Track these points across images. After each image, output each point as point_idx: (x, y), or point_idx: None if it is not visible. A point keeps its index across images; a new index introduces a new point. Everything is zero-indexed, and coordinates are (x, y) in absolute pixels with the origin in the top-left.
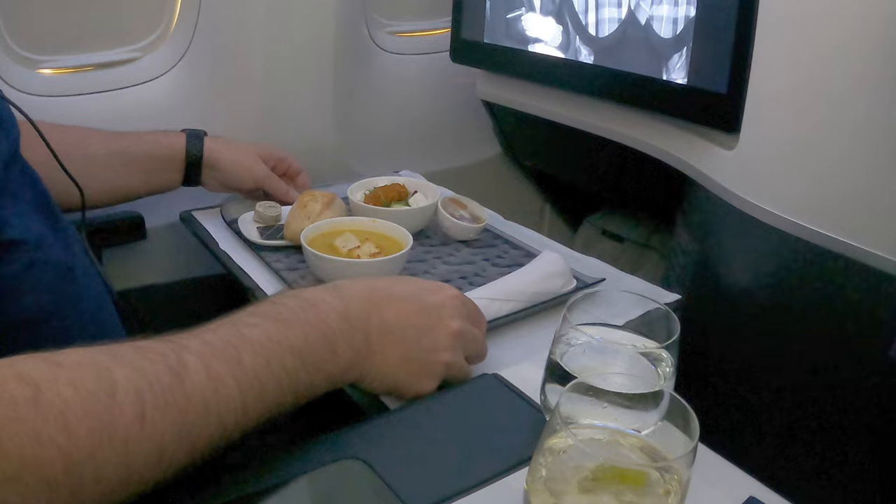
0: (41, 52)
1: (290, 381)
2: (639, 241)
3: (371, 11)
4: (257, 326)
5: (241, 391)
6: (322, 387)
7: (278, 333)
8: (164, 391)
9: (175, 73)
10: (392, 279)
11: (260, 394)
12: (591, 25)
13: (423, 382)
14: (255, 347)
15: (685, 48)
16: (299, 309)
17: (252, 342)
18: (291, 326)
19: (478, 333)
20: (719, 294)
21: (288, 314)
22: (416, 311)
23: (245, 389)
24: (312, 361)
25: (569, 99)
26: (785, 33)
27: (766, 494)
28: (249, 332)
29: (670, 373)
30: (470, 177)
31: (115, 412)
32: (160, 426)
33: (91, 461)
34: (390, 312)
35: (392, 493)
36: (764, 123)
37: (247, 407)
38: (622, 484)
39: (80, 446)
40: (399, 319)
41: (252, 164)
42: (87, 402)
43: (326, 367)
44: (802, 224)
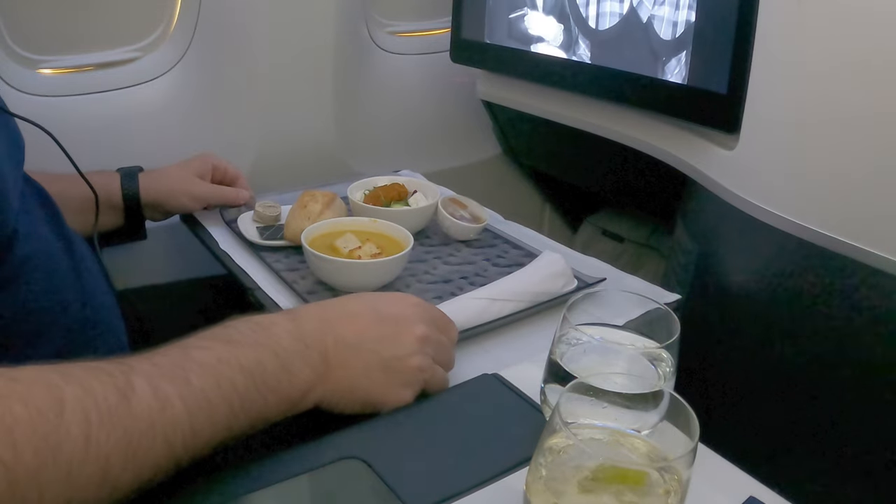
0: (41, 52)
1: (242, 403)
2: (639, 241)
3: (371, 11)
4: (207, 349)
5: (189, 412)
6: (280, 410)
7: (228, 354)
8: (111, 411)
9: (175, 73)
10: (347, 298)
11: (209, 415)
12: (592, 19)
13: (398, 392)
14: (205, 368)
15: (685, 48)
16: (250, 331)
17: (201, 363)
18: (242, 347)
19: (444, 340)
20: (719, 294)
21: (238, 336)
22: (373, 323)
23: (193, 411)
24: (265, 382)
25: (569, 99)
26: (785, 33)
27: (766, 494)
28: (199, 354)
29: (670, 373)
30: (470, 177)
31: (62, 432)
32: (105, 447)
33: (34, 480)
34: (346, 328)
35: (392, 493)
36: (764, 123)
37: (195, 428)
38: (622, 484)
39: (26, 464)
40: (356, 334)
41: (190, 186)
42: (35, 421)
43: (282, 388)
44: (802, 224)
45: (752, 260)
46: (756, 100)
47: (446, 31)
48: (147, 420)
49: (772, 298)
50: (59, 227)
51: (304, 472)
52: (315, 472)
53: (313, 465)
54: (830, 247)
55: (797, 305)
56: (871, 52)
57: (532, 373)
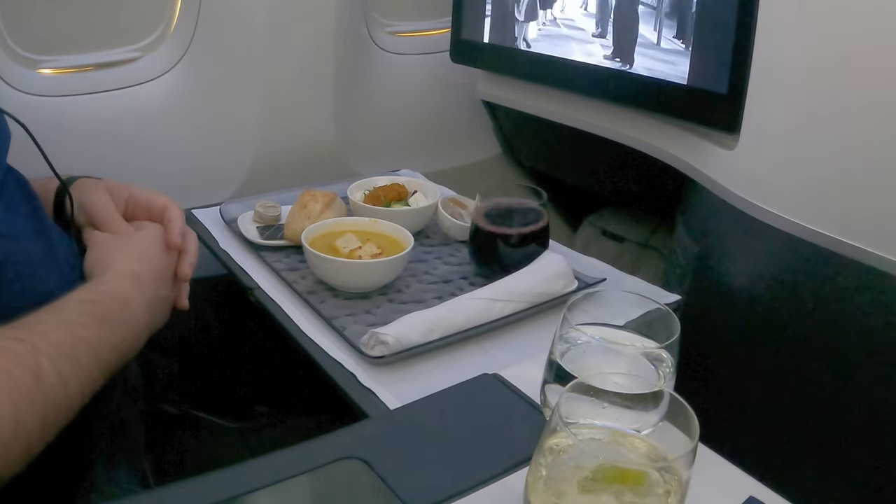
0: (41, 52)
1: (108, 372)
2: (639, 241)
3: (371, 11)
4: (87, 327)
5: (80, 388)
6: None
7: (104, 334)
8: (30, 392)
9: (175, 73)
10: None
11: (91, 389)
12: (591, 24)
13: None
14: (89, 347)
15: (685, 48)
16: (117, 309)
17: (86, 342)
18: (112, 326)
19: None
20: (719, 294)
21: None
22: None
23: (84, 385)
24: (124, 353)
25: (569, 99)
26: (785, 34)
27: (766, 494)
28: (82, 333)
29: (670, 373)
30: (470, 177)
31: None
32: (28, 425)
33: None
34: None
35: (392, 493)
36: (764, 123)
37: (83, 399)
38: (622, 484)
39: None
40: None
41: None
42: None
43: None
44: (802, 224)
45: (752, 260)
46: (756, 100)
47: (446, 31)
48: (55, 397)
49: (771, 298)
50: (42, 223)
51: (304, 472)
52: (315, 472)
53: (313, 465)
54: (830, 247)
55: (797, 305)
56: (870, 51)
57: (532, 373)
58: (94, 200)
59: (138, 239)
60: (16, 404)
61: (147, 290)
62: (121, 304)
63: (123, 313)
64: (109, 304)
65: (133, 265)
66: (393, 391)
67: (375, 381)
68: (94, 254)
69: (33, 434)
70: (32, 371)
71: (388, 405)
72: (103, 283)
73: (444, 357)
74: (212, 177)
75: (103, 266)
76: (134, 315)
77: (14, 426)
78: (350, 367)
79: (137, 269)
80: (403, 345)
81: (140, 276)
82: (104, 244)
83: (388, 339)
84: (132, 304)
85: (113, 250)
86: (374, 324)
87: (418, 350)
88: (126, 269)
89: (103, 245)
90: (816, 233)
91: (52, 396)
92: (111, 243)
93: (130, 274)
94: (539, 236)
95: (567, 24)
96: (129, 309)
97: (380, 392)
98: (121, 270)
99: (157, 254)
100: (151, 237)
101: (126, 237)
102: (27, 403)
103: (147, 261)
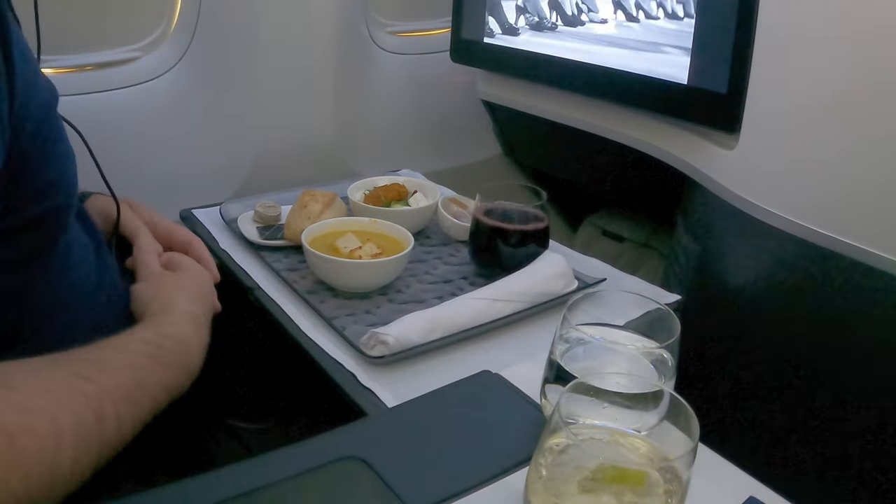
0: (41, 52)
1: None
2: (639, 241)
3: (371, 11)
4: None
5: (133, 428)
6: None
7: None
8: (90, 436)
9: (175, 73)
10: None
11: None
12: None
13: None
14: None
15: (686, 48)
16: (176, 352)
17: (145, 386)
18: (169, 370)
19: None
20: (719, 294)
21: (167, 358)
22: None
23: (135, 425)
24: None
25: (569, 99)
26: (785, 34)
27: (766, 494)
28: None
29: (670, 373)
30: (470, 177)
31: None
32: (82, 466)
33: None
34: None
35: (392, 493)
36: (764, 123)
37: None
38: (622, 484)
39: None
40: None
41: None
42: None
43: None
44: (802, 224)
45: (752, 260)
46: (756, 100)
47: (446, 31)
48: (111, 442)
49: (771, 298)
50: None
51: (304, 472)
52: (315, 471)
53: (313, 465)
54: (830, 246)
55: (797, 305)
56: (870, 51)
57: (532, 373)
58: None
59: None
60: (77, 447)
61: (204, 335)
62: (183, 349)
63: (184, 358)
64: (173, 349)
65: (195, 307)
66: (393, 391)
67: (375, 380)
68: (150, 288)
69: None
70: (97, 413)
71: (387, 405)
72: (169, 325)
73: (444, 357)
74: (212, 177)
75: (164, 304)
76: (192, 360)
77: (72, 466)
78: (350, 367)
79: (198, 313)
80: (403, 345)
81: (200, 320)
82: (160, 279)
83: (388, 339)
84: (192, 350)
85: (172, 288)
86: (374, 324)
87: (418, 350)
88: (190, 310)
89: (160, 281)
90: (816, 233)
91: (109, 438)
92: (169, 281)
93: (194, 318)
94: (539, 236)
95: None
96: (189, 354)
97: (380, 392)
98: (185, 312)
99: (206, 295)
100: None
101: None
102: (87, 445)
103: (203, 302)
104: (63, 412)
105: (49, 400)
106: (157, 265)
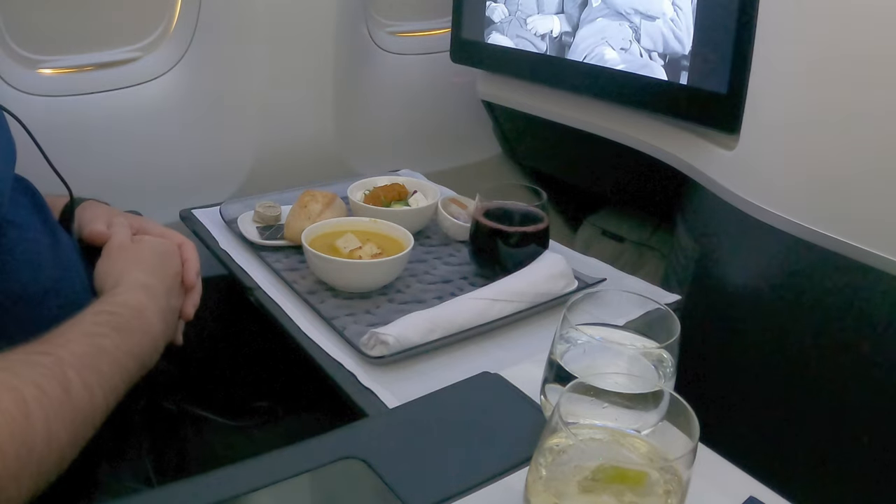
0: (41, 52)
1: (129, 380)
2: (639, 241)
3: (371, 11)
4: (107, 337)
5: (105, 397)
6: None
7: (123, 343)
8: (61, 405)
9: (175, 73)
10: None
11: (115, 398)
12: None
13: None
14: (111, 358)
15: (686, 48)
16: (132, 317)
17: (106, 352)
18: (130, 335)
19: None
20: (719, 294)
21: (125, 324)
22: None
23: (108, 394)
24: (143, 361)
25: (569, 99)
26: (784, 34)
27: (766, 494)
28: (103, 343)
29: (670, 373)
30: (470, 177)
31: (32, 433)
32: (60, 438)
33: (15, 481)
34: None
35: (392, 493)
36: (764, 123)
37: (107, 408)
38: (622, 484)
39: (8, 468)
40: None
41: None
42: (10, 426)
43: (152, 360)
44: (802, 224)
45: (752, 260)
46: (756, 100)
47: (446, 31)
48: (83, 409)
49: (771, 298)
50: (46, 218)
51: (304, 472)
52: (315, 472)
53: (313, 465)
54: (830, 246)
55: (797, 305)
56: (870, 51)
57: (532, 373)
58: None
59: (145, 249)
60: (48, 418)
61: (159, 300)
62: (136, 313)
63: (139, 321)
64: (125, 314)
65: (144, 276)
66: (393, 391)
67: (375, 380)
68: (104, 264)
69: (65, 445)
70: (61, 383)
71: (387, 405)
72: (117, 294)
73: (444, 357)
74: (212, 177)
75: (115, 278)
76: (149, 323)
77: (47, 438)
78: (350, 367)
79: (148, 280)
80: (403, 345)
81: (151, 287)
82: (113, 254)
83: (389, 339)
84: (146, 313)
85: (123, 261)
86: (374, 324)
87: (418, 350)
88: (138, 279)
89: (113, 255)
90: (816, 233)
91: (81, 407)
92: (120, 253)
93: (142, 284)
94: (539, 236)
95: None
96: (144, 317)
97: (380, 392)
98: (133, 281)
99: (165, 264)
100: (158, 246)
101: (133, 247)
102: (59, 416)
103: (156, 271)
104: (25, 385)
105: (8, 374)
106: (117, 241)
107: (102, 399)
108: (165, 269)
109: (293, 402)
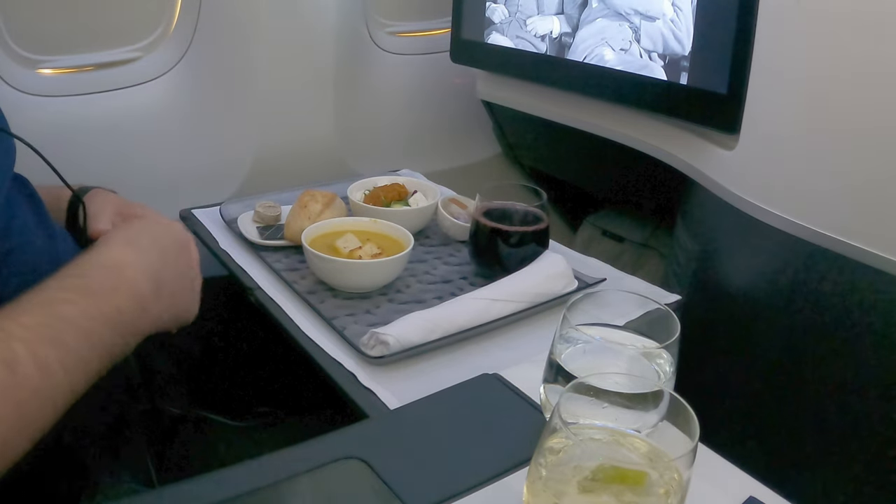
0: (41, 52)
1: (109, 352)
2: (639, 241)
3: (371, 11)
4: (72, 303)
5: (67, 374)
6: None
7: (92, 308)
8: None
9: (175, 73)
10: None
11: (84, 373)
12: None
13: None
14: (76, 327)
15: (685, 49)
16: (104, 277)
17: (71, 321)
18: (102, 297)
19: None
20: (719, 294)
21: (95, 285)
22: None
23: (71, 371)
24: (126, 327)
25: (569, 99)
26: (784, 34)
27: (766, 494)
28: (66, 311)
29: (670, 373)
30: (470, 177)
31: None
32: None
33: None
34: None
35: (392, 493)
36: (764, 123)
37: (73, 386)
38: (622, 484)
39: None
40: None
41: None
42: None
43: (139, 326)
44: (802, 224)
45: (752, 260)
46: (756, 100)
47: (446, 31)
48: (33, 389)
49: (772, 298)
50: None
51: (304, 472)
52: (315, 472)
53: (313, 465)
54: (830, 247)
55: (797, 305)
56: (869, 52)
57: (532, 373)
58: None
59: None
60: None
61: (148, 255)
62: (111, 272)
63: (116, 280)
64: (96, 275)
65: (132, 233)
66: (393, 391)
67: (375, 381)
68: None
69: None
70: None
71: (388, 405)
72: (89, 256)
73: (444, 357)
74: (212, 177)
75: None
76: (131, 281)
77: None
78: (350, 367)
79: (132, 236)
80: (403, 345)
81: (135, 241)
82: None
83: (389, 339)
84: (127, 271)
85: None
86: (374, 324)
87: (418, 350)
88: (121, 236)
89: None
90: (816, 233)
91: (33, 384)
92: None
93: (123, 240)
94: (539, 236)
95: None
96: (124, 275)
97: (380, 392)
98: (113, 238)
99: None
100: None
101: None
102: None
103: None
104: None
105: None
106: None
107: (64, 375)
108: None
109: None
